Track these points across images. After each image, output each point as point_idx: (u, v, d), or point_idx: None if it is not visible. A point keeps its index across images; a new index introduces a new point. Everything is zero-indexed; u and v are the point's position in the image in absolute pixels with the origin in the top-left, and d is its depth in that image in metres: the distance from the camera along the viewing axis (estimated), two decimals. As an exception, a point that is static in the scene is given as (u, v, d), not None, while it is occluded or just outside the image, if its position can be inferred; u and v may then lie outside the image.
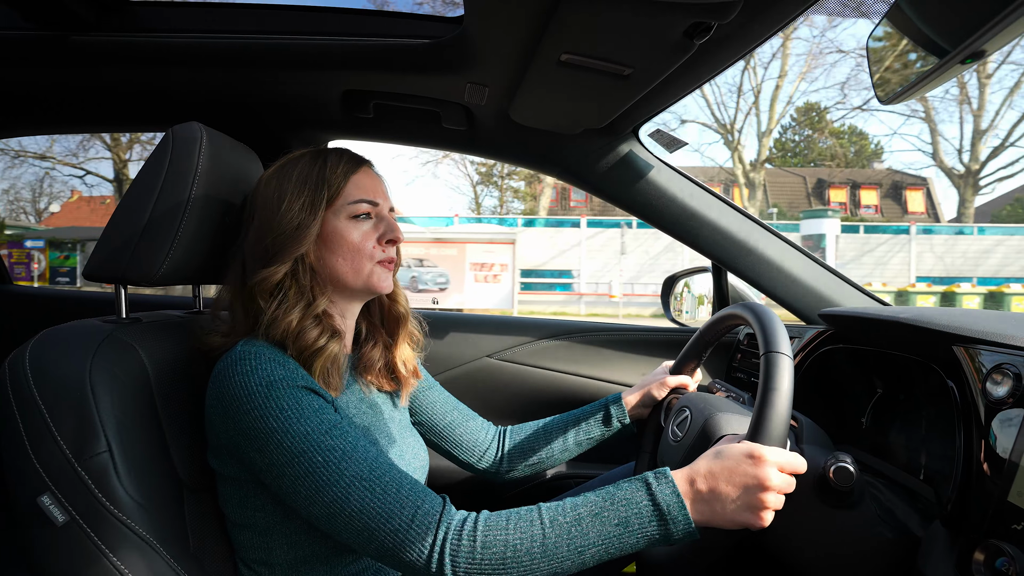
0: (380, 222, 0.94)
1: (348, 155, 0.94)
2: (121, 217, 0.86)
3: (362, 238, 0.91)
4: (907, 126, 19.36)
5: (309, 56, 1.12)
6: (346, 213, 0.91)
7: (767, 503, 0.71)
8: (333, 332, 0.89)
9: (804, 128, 22.72)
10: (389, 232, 0.94)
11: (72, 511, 0.72)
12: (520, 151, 1.43)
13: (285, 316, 0.85)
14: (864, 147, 21.64)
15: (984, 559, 0.67)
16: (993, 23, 0.51)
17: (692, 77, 1.03)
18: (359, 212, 0.91)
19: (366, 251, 0.92)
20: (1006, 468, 0.68)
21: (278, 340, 0.84)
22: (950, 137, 16.87)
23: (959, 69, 0.59)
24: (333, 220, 0.90)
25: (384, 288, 0.94)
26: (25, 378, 0.74)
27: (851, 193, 22.45)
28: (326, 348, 0.86)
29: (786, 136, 25.68)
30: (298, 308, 0.86)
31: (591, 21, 0.80)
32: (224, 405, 0.78)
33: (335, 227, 0.90)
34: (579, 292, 14.50)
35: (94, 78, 1.21)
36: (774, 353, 0.78)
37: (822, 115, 21.25)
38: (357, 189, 0.92)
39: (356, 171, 0.93)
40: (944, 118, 17.44)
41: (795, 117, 21.10)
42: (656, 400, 1.17)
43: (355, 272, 0.91)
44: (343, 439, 0.76)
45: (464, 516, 0.74)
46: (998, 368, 0.73)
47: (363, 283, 0.92)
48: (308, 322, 0.86)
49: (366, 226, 0.93)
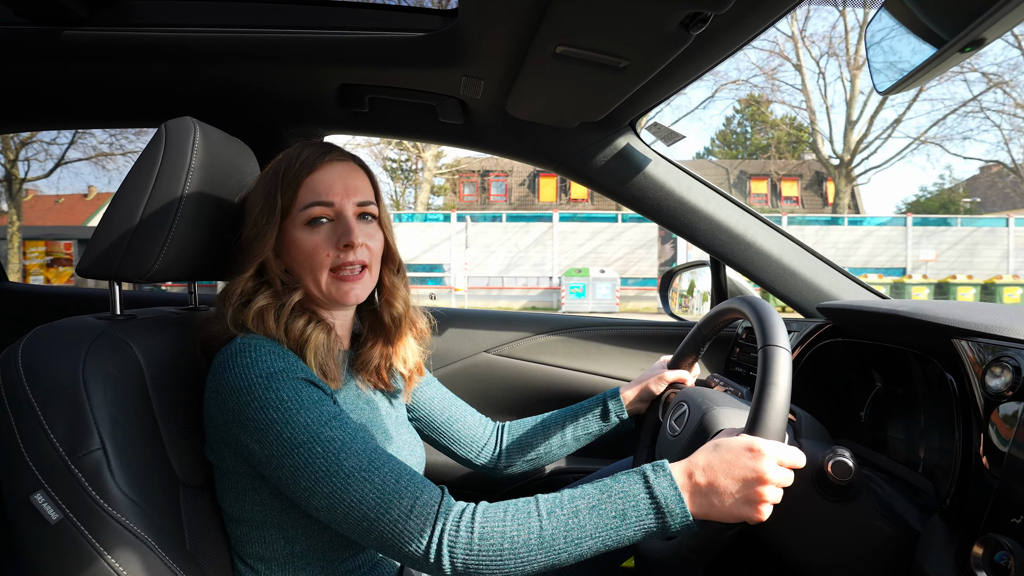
0: (338, 224, 0.89)
1: (307, 153, 0.90)
2: (114, 213, 0.86)
3: (314, 247, 0.88)
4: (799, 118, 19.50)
5: (304, 50, 1.11)
6: (301, 219, 0.88)
7: (765, 497, 0.72)
8: (319, 322, 0.89)
9: (747, 119, 22.77)
10: (344, 236, 0.87)
11: (65, 509, 0.71)
12: (516, 145, 1.42)
13: (266, 314, 0.85)
14: (802, 138, 21.63)
15: (983, 553, 0.67)
16: (992, 11, 0.50)
17: (689, 69, 1.02)
18: (311, 217, 0.88)
19: (319, 259, 0.88)
20: (1005, 462, 0.68)
21: (270, 334, 0.85)
22: (823, 128, 17.32)
23: (959, 58, 0.58)
24: (291, 228, 0.89)
25: (346, 300, 0.89)
26: (17, 375, 0.74)
27: (772, 185, 22.47)
28: (313, 336, 0.86)
29: (730, 127, 25.78)
30: (273, 308, 0.87)
31: (586, 13, 0.79)
32: (224, 397, 0.78)
33: (291, 236, 0.89)
34: (450, 286, 14.70)
35: (87, 73, 1.20)
36: (772, 347, 0.78)
37: (763, 106, 21.30)
38: (309, 192, 0.88)
39: (311, 171, 0.88)
40: (818, 105, 17.79)
41: (738, 108, 21.19)
42: (654, 395, 1.16)
43: (315, 282, 0.89)
44: (342, 430, 0.76)
45: (462, 507, 0.74)
46: (997, 361, 0.73)
47: (327, 295, 0.89)
48: (287, 316, 0.86)
49: (321, 233, 0.88)
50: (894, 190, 52.01)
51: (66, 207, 26.89)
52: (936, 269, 15.11)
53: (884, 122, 16.90)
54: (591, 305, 13.34)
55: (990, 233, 15.87)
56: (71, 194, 26.76)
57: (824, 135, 18.11)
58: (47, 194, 26.41)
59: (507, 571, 0.71)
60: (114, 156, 16.71)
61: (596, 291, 13.42)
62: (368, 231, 0.92)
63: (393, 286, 0.99)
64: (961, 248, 15.76)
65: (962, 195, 25.44)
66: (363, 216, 0.92)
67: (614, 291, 13.40)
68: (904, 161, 51.60)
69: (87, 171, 39.88)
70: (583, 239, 16.09)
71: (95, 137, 15.99)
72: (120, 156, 16.78)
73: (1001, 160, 18.32)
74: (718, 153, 24.92)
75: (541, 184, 22.82)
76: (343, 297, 0.89)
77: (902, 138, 18.62)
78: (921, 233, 15.86)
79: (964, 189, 26.00)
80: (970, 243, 15.77)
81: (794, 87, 21.99)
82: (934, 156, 19.77)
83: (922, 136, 18.05)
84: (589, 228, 16.20)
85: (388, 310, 1.00)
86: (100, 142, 16.34)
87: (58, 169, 15.87)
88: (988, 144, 31.83)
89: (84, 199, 27.13)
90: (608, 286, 13.40)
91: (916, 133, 18.02)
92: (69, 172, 36.66)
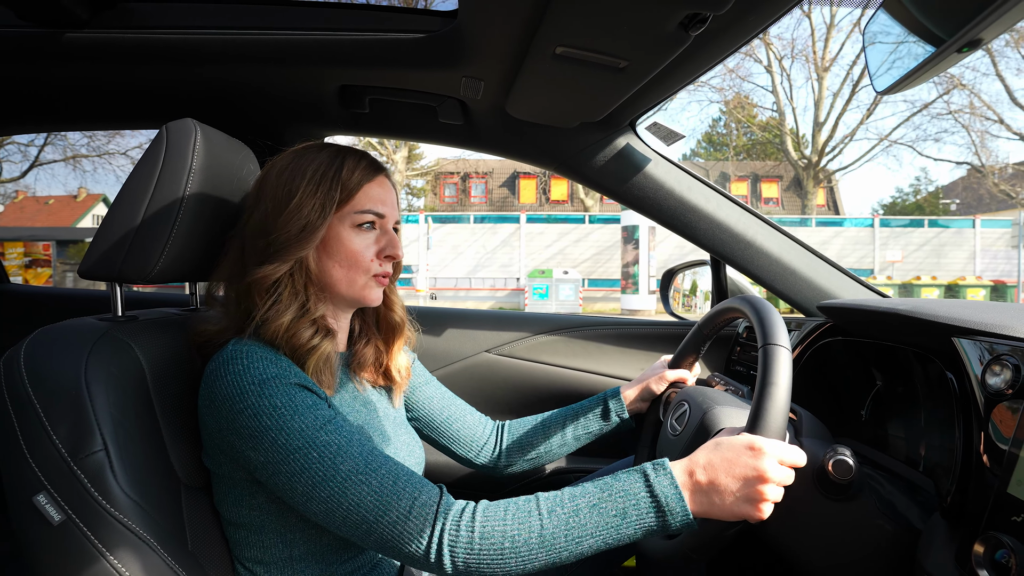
0: (383, 235, 0.93)
1: (367, 161, 0.92)
2: (116, 215, 0.86)
3: (362, 249, 0.90)
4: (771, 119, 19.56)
5: (304, 52, 1.11)
6: (351, 221, 0.89)
7: (766, 495, 0.72)
8: (327, 332, 0.88)
9: (732, 121, 22.81)
10: (389, 248, 0.92)
11: (68, 510, 0.72)
12: (516, 145, 1.42)
13: (278, 317, 0.84)
14: (773, 140, 21.69)
15: (984, 551, 0.67)
16: (990, 11, 0.51)
17: (688, 69, 1.02)
18: (364, 221, 0.90)
19: (363, 263, 0.90)
20: (1006, 459, 0.68)
21: (269, 339, 0.84)
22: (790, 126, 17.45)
23: (956, 58, 0.58)
24: (338, 226, 0.89)
25: (372, 302, 0.93)
26: (20, 377, 0.74)
27: (752, 186, 22.45)
28: (319, 347, 0.86)
29: (715, 129, 25.78)
30: (292, 310, 0.85)
31: (586, 13, 0.79)
32: (216, 405, 0.78)
33: (338, 233, 0.89)
34: (415, 288, 14.73)
35: (88, 75, 1.20)
36: (772, 345, 0.78)
37: (748, 108, 21.31)
38: (367, 199, 0.90)
39: (371, 179, 0.91)
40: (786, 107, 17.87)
41: (724, 110, 21.18)
42: (655, 394, 1.16)
43: (349, 282, 0.90)
44: (338, 434, 0.76)
45: (462, 506, 0.74)
46: (997, 359, 0.73)
47: (354, 294, 0.91)
48: (302, 324, 0.85)
49: (369, 237, 0.91)
50: (871, 191, 52.08)
51: (56, 208, 27.03)
52: (903, 270, 15.19)
53: (852, 124, 17.26)
54: (554, 306, 13.33)
55: (957, 235, 15.97)
56: (61, 195, 26.91)
57: (790, 136, 18.20)
58: (39, 195, 26.53)
59: (508, 569, 0.71)
60: (90, 157, 16.81)
61: (559, 292, 13.38)
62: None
63: (394, 291, 1.03)
64: (928, 249, 15.86)
65: (939, 197, 25.61)
66: (395, 230, 0.96)
67: (577, 292, 13.40)
68: (877, 163, 51.95)
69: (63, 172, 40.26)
70: (551, 240, 16.18)
71: (67, 139, 16.12)
72: (96, 158, 16.89)
73: (970, 162, 18.44)
74: (703, 155, 24.94)
75: (521, 186, 22.91)
76: (371, 298, 0.93)
77: (874, 139, 19.00)
78: (889, 234, 15.94)
79: (940, 191, 26.21)
80: (937, 244, 15.89)
81: (764, 88, 22.12)
82: (906, 157, 19.97)
83: (887, 136, 18.27)
84: (557, 229, 16.27)
85: (390, 313, 1.02)
86: (72, 143, 16.50)
87: (34, 170, 16.00)
88: (959, 147, 32.23)
89: (74, 200, 27.23)
90: (571, 287, 13.39)
91: (888, 135, 18.26)
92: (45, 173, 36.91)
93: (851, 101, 17.36)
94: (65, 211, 26.72)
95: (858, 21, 17.30)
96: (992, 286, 13.09)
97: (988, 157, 17.82)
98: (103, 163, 20.47)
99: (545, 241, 16.14)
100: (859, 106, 21.51)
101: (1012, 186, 18.72)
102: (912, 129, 21.53)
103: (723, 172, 22.76)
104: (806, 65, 20.73)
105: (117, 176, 32.58)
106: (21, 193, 24.75)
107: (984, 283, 13.26)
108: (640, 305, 12.95)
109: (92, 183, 27.19)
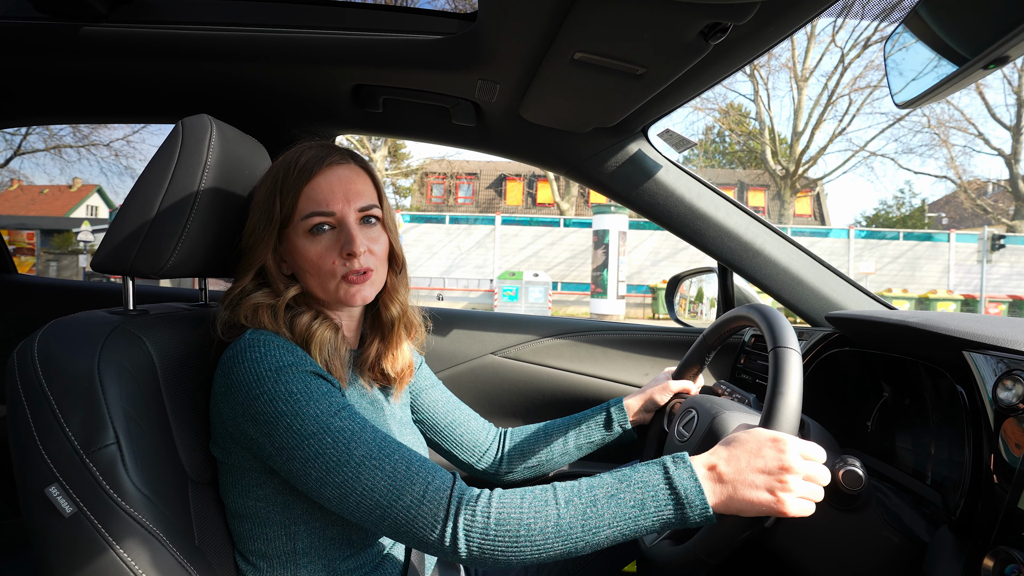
0: (341, 232, 0.88)
1: (305, 158, 0.88)
2: (130, 209, 0.86)
3: (320, 255, 0.88)
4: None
5: (320, 50, 1.11)
6: (303, 228, 0.88)
7: (790, 487, 0.71)
8: (324, 318, 0.90)
9: (726, 128, 22.84)
10: (346, 246, 0.87)
11: (80, 503, 0.72)
12: (528, 148, 1.42)
13: (261, 311, 0.87)
14: (757, 149, 21.76)
15: (993, 565, 0.67)
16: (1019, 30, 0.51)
17: (705, 78, 1.02)
18: (312, 225, 0.87)
19: (326, 268, 0.88)
20: (1016, 475, 0.68)
21: (276, 330, 0.86)
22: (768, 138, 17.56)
23: (981, 74, 0.58)
24: (293, 236, 0.89)
25: (355, 302, 0.90)
26: (34, 369, 0.74)
27: (739, 194, 22.41)
28: (318, 332, 0.87)
29: (709, 136, 25.74)
30: (269, 305, 0.88)
31: (607, 20, 0.79)
32: (233, 391, 0.78)
33: (294, 243, 0.89)
34: None
35: (105, 69, 1.21)
36: (783, 348, 0.78)
37: (742, 116, 21.33)
38: (308, 201, 0.87)
39: (310, 179, 0.87)
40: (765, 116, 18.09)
41: (717, 117, 21.18)
42: (658, 405, 1.16)
43: (323, 288, 0.89)
44: (351, 420, 0.77)
45: (478, 491, 0.74)
46: (1009, 374, 0.73)
47: (331, 298, 0.90)
48: (283, 312, 0.87)
49: (325, 241, 0.88)
50: (855, 203, 52.06)
51: (50, 197, 27.07)
52: (877, 282, 15.18)
53: (831, 135, 17.29)
54: (524, 308, 13.34)
55: (932, 248, 15.98)
56: (56, 185, 26.94)
57: (769, 146, 18.21)
58: (34, 184, 26.57)
59: (523, 557, 0.71)
60: (76, 148, 16.85)
61: (529, 294, 13.41)
62: (371, 235, 0.91)
63: (393, 287, 0.99)
64: (903, 262, 15.87)
65: (924, 211, 25.69)
66: (366, 219, 0.91)
67: (547, 295, 13.42)
68: (856, 174, 52.01)
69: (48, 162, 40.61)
70: (526, 242, 16.22)
71: (49, 129, 16.15)
72: (82, 148, 16.93)
73: (949, 176, 18.56)
74: (695, 162, 24.93)
75: (508, 188, 22.92)
76: (350, 299, 0.89)
77: (855, 150, 19.19)
78: (864, 246, 15.92)
79: (925, 205, 26.35)
80: (912, 257, 15.90)
81: (747, 97, 22.09)
82: (888, 170, 20.26)
83: (864, 147, 18.32)
84: (531, 232, 16.29)
85: (385, 311, 0.99)
86: (54, 133, 16.51)
87: (25, 159, 16.12)
88: (940, 160, 32.47)
89: (69, 190, 27.24)
90: (541, 290, 13.42)
91: (870, 148, 18.39)
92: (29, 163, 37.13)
93: (828, 111, 17.37)
94: (59, 201, 26.74)
95: (835, 33, 17.44)
96: (963, 300, 13.10)
97: (963, 173, 17.94)
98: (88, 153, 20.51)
99: (520, 243, 16.19)
100: (836, 116, 21.53)
101: (995, 202, 18.79)
102: (892, 140, 21.57)
103: (711, 180, 22.74)
104: (788, 75, 20.79)
105: (100, 167, 32.43)
106: (16, 182, 24.75)
107: (955, 297, 13.28)
108: (608, 309, 13.00)
109: (77, 173, 27.32)
